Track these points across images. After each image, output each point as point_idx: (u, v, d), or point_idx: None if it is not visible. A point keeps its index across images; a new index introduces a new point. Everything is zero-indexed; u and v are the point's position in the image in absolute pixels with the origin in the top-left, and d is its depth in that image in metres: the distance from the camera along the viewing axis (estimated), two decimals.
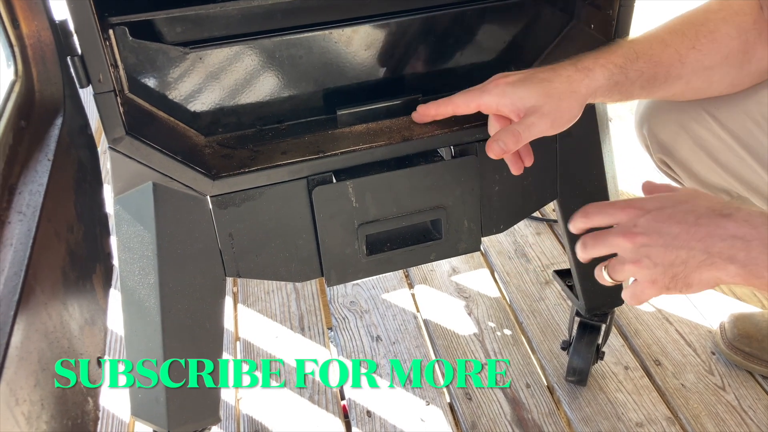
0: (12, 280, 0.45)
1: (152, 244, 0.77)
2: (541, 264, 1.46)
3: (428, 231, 0.90)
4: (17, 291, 0.44)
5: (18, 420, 0.40)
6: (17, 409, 0.40)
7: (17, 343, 0.42)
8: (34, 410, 0.43)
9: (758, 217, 0.64)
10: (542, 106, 0.74)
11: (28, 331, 0.45)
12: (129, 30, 0.72)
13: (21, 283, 0.45)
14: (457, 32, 0.88)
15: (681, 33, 0.81)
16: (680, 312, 1.32)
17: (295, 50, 0.81)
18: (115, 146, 0.70)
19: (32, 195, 0.54)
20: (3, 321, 0.42)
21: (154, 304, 0.79)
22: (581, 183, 0.94)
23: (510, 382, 1.17)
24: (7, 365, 0.40)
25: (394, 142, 0.82)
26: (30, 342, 0.45)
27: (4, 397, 0.39)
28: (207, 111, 0.82)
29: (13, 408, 0.40)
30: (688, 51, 0.80)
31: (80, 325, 0.61)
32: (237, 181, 0.78)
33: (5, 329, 0.41)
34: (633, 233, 0.68)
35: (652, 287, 0.69)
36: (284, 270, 0.85)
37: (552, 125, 0.75)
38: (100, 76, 0.67)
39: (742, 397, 1.15)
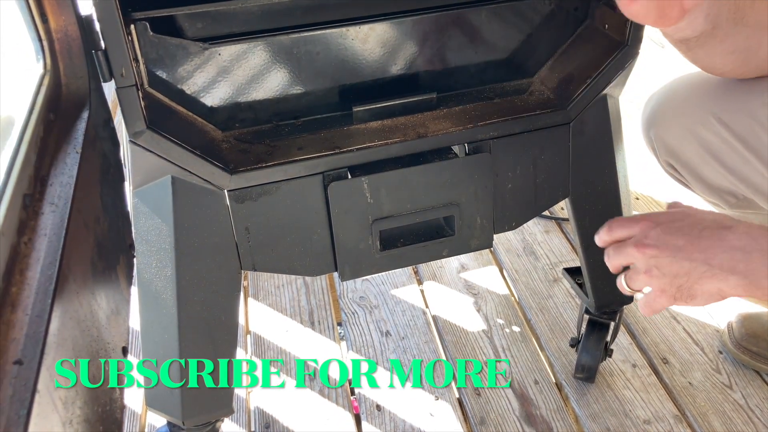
0: (48, 269, 0.46)
1: (170, 237, 0.78)
2: (550, 262, 1.46)
3: (441, 227, 0.91)
4: (53, 280, 0.45)
5: (56, 405, 0.41)
6: (56, 393, 0.41)
7: (54, 330, 0.44)
8: (69, 395, 0.44)
9: (758, 229, 0.66)
10: None
11: (63, 318, 0.46)
12: (150, 25, 0.73)
13: (56, 272, 0.46)
14: (471, 31, 0.88)
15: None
16: (688, 311, 1.32)
17: (313, 47, 0.82)
18: (136, 140, 0.71)
19: (63, 187, 0.55)
20: (41, 309, 0.43)
21: (171, 296, 0.80)
22: (593, 181, 0.95)
23: (510, 382, 1.18)
24: (47, 351, 0.41)
25: (408, 138, 0.83)
26: (65, 329, 0.46)
27: (45, 383, 0.40)
28: (224, 106, 0.83)
29: (52, 392, 0.41)
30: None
31: (107, 314, 0.62)
32: (254, 176, 0.79)
33: (44, 316, 0.43)
34: (644, 245, 0.71)
35: (662, 297, 0.71)
36: (299, 264, 0.86)
37: None
38: (123, 70, 0.68)
39: (749, 396, 1.15)
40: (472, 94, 0.92)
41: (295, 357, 1.25)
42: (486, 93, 0.92)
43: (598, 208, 0.97)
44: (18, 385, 0.40)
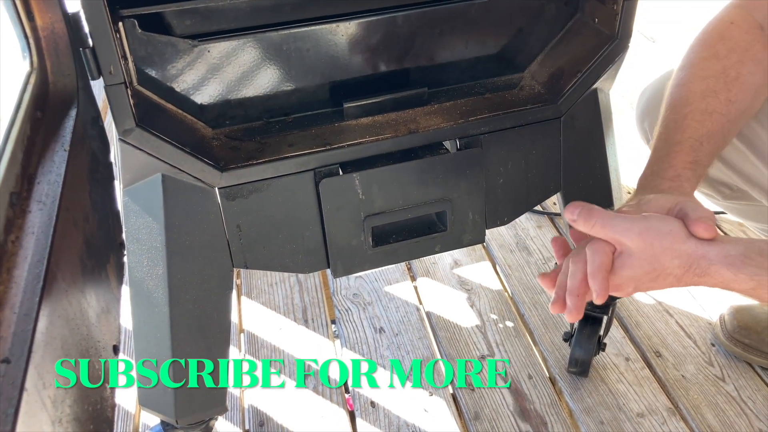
0: (36, 267, 0.46)
1: (161, 235, 0.78)
2: (543, 257, 1.47)
3: (433, 223, 0.91)
4: (41, 278, 0.45)
5: (45, 403, 0.41)
6: (44, 392, 0.41)
7: (42, 328, 0.43)
8: (59, 394, 0.44)
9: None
10: None
11: (52, 317, 0.46)
12: (138, 22, 0.73)
13: (44, 270, 0.46)
14: (462, 25, 0.88)
15: (713, 92, 0.82)
16: (680, 304, 1.33)
17: (302, 43, 0.82)
18: (125, 138, 0.71)
19: (51, 185, 0.55)
20: (29, 307, 0.43)
21: (162, 294, 0.80)
22: (584, 176, 0.95)
23: (510, 382, 1.18)
24: (35, 350, 0.41)
25: (400, 134, 0.83)
26: (54, 328, 0.46)
27: (33, 381, 0.40)
28: (214, 103, 0.83)
29: (41, 391, 0.41)
30: (729, 108, 0.81)
31: (97, 313, 0.62)
32: (245, 173, 0.78)
33: (31, 315, 0.42)
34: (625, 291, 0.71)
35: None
36: (291, 261, 0.85)
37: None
38: (111, 68, 0.67)
39: (742, 388, 1.16)
40: (463, 89, 0.92)
41: (290, 356, 1.24)
42: (477, 88, 0.92)
43: (589, 202, 0.97)
44: (5, 384, 0.39)
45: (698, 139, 0.79)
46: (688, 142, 0.79)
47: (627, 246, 0.68)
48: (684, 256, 0.66)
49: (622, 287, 0.69)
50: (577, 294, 0.69)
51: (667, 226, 0.67)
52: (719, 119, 0.81)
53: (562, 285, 0.72)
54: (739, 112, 0.83)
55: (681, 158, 0.78)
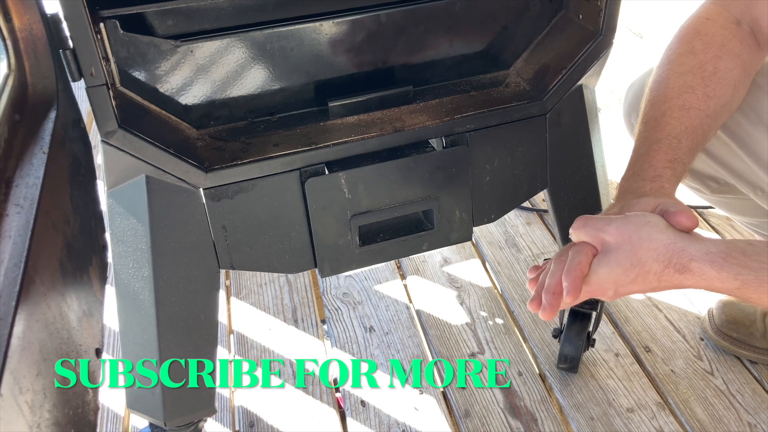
0: (12, 271, 0.45)
1: (146, 237, 0.77)
2: (532, 253, 1.47)
3: (420, 221, 0.91)
4: (18, 282, 0.44)
5: (22, 409, 0.40)
6: (21, 398, 0.41)
7: (19, 333, 0.43)
8: (37, 399, 0.44)
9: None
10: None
11: (29, 321, 0.46)
12: (120, 23, 0.72)
13: (21, 274, 0.45)
14: (446, 23, 0.88)
15: (690, 88, 0.82)
16: (669, 299, 1.33)
17: (286, 42, 0.81)
18: (108, 139, 0.71)
19: (29, 188, 0.54)
20: (5, 311, 0.42)
21: (149, 296, 0.80)
22: (571, 172, 0.95)
23: (510, 383, 1.18)
24: (11, 355, 0.40)
25: (385, 133, 0.83)
26: (31, 332, 0.46)
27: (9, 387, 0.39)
28: (198, 104, 0.82)
29: (17, 397, 0.40)
30: (707, 103, 0.81)
31: (78, 316, 0.61)
32: (230, 174, 0.78)
33: (7, 319, 0.42)
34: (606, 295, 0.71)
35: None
36: (278, 262, 0.85)
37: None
38: (92, 69, 0.67)
39: (730, 382, 1.17)
40: (448, 87, 0.92)
41: (280, 356, 1.24)
42: (462, 86, 0.92)
43: (576, 199, 0.97)
44: None
45: (676, 136, 0.79)
46: (667, 140, 0.79)
47: (606, 242, 0.69)
48: (661, 247, 0.66)
49: (602, 289, 0.69)
50: (552, 292, 0.70)
51: (646, 218, 0.68)
52: (697, 115, 0.81)
53: (542, 283, 0.72)
54: (718, 107, 0.83)
55: (660, 157, 0.79)
